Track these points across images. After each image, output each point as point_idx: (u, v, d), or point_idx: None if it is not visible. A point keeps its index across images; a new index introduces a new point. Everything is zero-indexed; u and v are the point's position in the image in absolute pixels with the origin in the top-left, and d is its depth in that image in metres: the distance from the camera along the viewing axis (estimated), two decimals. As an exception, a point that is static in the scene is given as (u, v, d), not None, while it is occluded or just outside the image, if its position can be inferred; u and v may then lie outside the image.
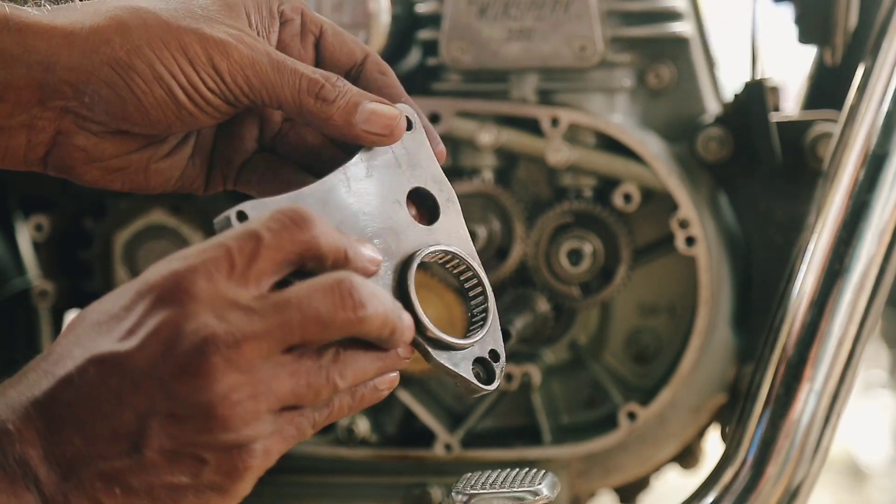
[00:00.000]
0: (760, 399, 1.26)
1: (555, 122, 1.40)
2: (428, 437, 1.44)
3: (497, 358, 0.94)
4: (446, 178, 0.97)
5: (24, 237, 1.61)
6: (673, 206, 1.39)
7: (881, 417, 3.82)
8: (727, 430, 1.45)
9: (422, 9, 1.45)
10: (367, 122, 0.92)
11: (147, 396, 0.79)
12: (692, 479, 1.39)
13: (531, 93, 1.42)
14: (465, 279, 0.96)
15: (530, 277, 1.43)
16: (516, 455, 1.43)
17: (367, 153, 0.93)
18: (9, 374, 0.83)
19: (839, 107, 1.32)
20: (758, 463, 1.25)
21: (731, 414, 1.44)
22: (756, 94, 1.40)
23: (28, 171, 0.96)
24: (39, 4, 0.94)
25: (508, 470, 1.08)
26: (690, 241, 1.39)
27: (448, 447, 1.44)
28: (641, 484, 1.56)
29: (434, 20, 1.43)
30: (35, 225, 1.51)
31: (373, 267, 0.87)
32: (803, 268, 1.26)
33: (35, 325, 1.52)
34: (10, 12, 0.90)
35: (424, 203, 0.95)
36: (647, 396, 1.43)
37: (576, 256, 1.40)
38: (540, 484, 1.05)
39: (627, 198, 1.41)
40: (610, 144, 1.41)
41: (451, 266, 0.95)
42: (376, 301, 0.83)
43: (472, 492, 1.05)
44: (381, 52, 1.39)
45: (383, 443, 1.47)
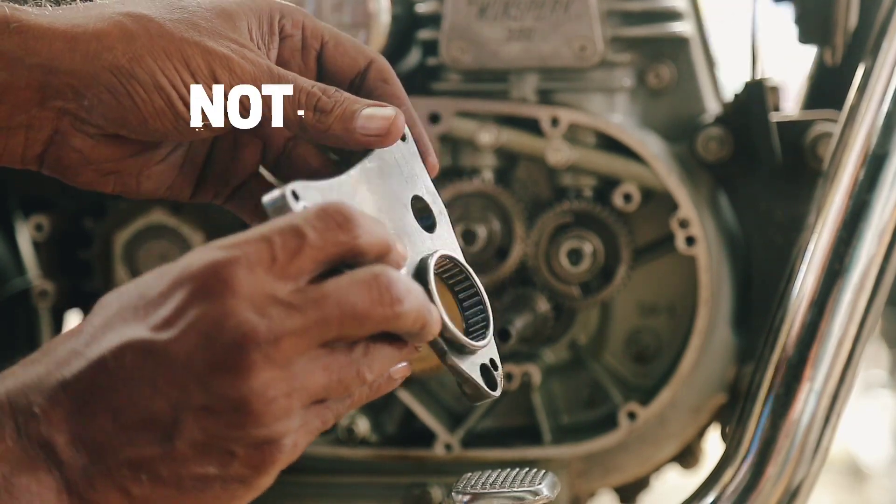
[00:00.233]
0: (760, 399, 1.25)
1: (555, 121, 1.40)
2: (428, 437, 1.44)
3: (496, 367, 0.95)
4: (437, 191, 0.98)
5: (24, 237, 1.61)
6: (673, 206, 1.39)
7: (881, 417, 3.82)
8: (727, 430, 1.45)
9: (422, 9, 1.45)
10: (364, 127, 0.93)
11: (183, 388, 0.78)
12: (692, 479, 1.39)
13: (531, 93, 1.42)
14: (463, 288, 0.96)
15: (530, 277, 1.43)
16: (516, 455, 1.43)
17: (375, 156, 0.94)
18: (8, 374, 0.82)
19: (839, 107, 1.32)
20: (758, 463, 1.25)
21: (731, 414, 1.44)
22: (756, 94, 1.40)
23: (25, 169, 0.96)
24: (40, 4, 0.94)
25: (508, 470, 1.08)
26: (690, 240, 1.39)
27: (448, 447, 1.43)
28: (641, 484, 1.56)
29: (434, 20, 1.43)
30: (35, 225, 1.51)
31: (403, 262, 0.87)
32: (803, 268, 1.26)
33: (35, 325, 1.52)
34: (10, 13, 0.90)
35: (420, 212, 0.96)
36: (647, 396, 1.43)
37: (576, 256, 1.40)
38: (540, 484, 1.05)
39: (627, 198, 1.41)
40: (610, 144, 1.41)
41: (452, 274, 0.96)
42: (412, 297, 0.83)
43: (473, 492, 1.05)
44: (381, 52, 1.39)
45: (383, 442, 1.47)
